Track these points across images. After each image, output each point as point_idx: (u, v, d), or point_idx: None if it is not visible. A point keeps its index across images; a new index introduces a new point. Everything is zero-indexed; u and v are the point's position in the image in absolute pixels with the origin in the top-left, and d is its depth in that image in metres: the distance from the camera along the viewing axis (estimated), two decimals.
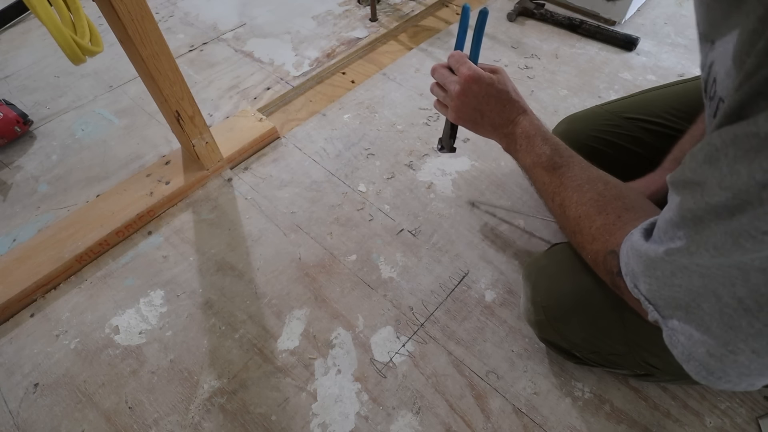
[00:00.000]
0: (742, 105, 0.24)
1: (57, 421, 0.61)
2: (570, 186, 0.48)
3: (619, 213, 0.42)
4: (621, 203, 0.43)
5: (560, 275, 0.54)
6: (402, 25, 1.23)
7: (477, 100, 0.53)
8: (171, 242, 0.79)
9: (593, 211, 0.44)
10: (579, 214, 0.46)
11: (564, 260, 0.54)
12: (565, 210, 0.48)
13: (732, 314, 0.29)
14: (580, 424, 0.59)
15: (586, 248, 0.45)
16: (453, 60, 0.55)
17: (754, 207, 0.24)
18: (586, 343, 0.55)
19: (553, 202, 0.50)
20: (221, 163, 0.88)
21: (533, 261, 0.59)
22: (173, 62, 0.68)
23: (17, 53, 1.20)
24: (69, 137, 0.97)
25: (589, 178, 0.48)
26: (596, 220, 0.44)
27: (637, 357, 0.51)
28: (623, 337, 0.50)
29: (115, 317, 0.70)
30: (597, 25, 1.15)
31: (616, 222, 0.42)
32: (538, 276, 0.57)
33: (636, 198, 0.44)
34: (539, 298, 0.56)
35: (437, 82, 0.57)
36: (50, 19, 0.50)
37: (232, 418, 0.61)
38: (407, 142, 0.94)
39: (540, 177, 0.52)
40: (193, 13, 1.32)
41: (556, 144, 0.52)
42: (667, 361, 0.52)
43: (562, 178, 0.49)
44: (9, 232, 0.81)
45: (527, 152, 0.53)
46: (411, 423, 0.60)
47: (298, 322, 0.69)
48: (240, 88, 1.07)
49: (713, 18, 0.32)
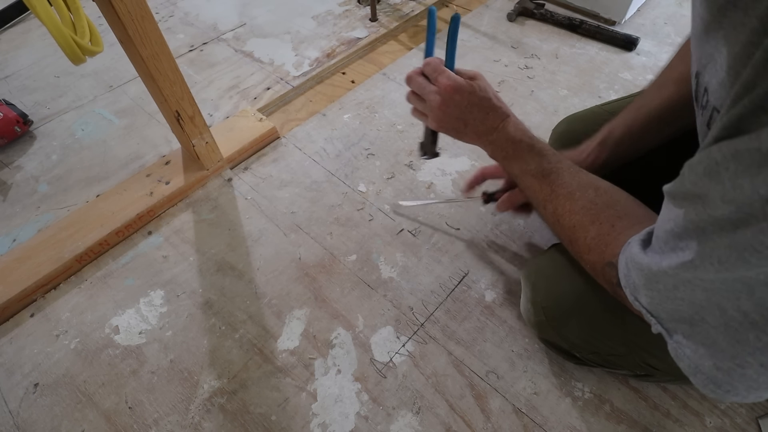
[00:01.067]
0: (741, 118, 0.24)
1: (57, 421, 0.61)
2: (561, 194, 0.48)
3: (612, 222, 0.42)
4: (613, 211, 0.43)
5: (560, 276, 0.54)
6: (402, 25, 1.23)
7: (459, 109, 0.52)
8: (171, 242, 0.79)
9: (586, 221, 0.44)
10: (573, 223, 0.46)
11: (563, 261, 0.54)
12: (558, 219, 0.48)
13: (738, 328, 0.29)
14: (580, 424, 0.59)
15: (583, 258, 0.45)
16: (429, 69, 0.53)
17: (759, 221, 0.23)
18: (585, 343, 0.55)
19: (545, 210, 0.50)
20: (221, 163, 0.88)
21: (533, 261, 0.59)
22: (173, 62, 0.68)
23: (17, 53, 1.20)
24: (69, 137, 0.97)
25: (579, 184, 0.47)
26: (590, 229, 0.43)
27: (636, 358, 0.51)
28: (623, 338, 0.49)
29: (115, 317, 0.70)
30: (597, 25, 1.15)
31: (610, 232, 0.41)
32: (538, 276, 0.57)
33: (628, 204, 0.44)
34: (539, 298, 0.56)
35: (413, 91, 0.56)
36: (50, 19, 0.50)
37: (232, 418, 0.61)
38: (407, 142, 0.94)
39: (530, 185, 0.52)
40: (193, 13, 1.32)
41: (542, 149, 0.51)
42: (667, 362, 0.51)
43: (553, 185, 0.49)
44: (9, 232, 0.81)
45: (514, 159, 0.52)
46: (411, 423, 0.60)
47: (298, 322, 0.69)
48: (240, 88, 1.07)
49: (697, 28, 0.32)
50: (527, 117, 0.97)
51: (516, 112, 1.01)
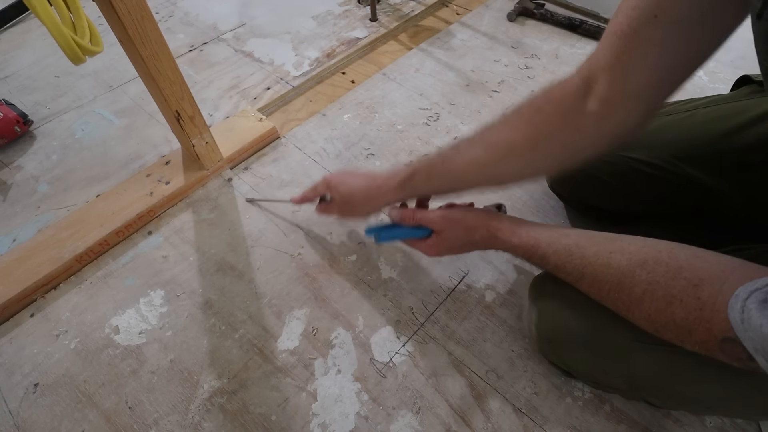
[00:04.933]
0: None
1: (57, 421, 0.61)
2: (610, 291, 0.42)
3: (694, 293, 0.35)
4: (685, 281, 0.36)
5: (569, 309, 0.51)
6: (402, 25, 1.23)
7: (455, 249, 0.59)
8: (171, 242, 0.79)
9: (662, 306, 0.37)
10: (648, 313, 0.39)
11: (573, 293, 0.49)
12: (626, 314, 0.42)
13: None
14: (580, 424, 0.59)
15: (686, 342, 0.37)
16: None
17: None
18: (587, 375, 0.54)
19: (608, 305, 0.44)
20: (221, 163, 0.88)
21: (541, 282, 0.57)
22: (173, 62, 0.68)
23: (17, 53, 1.20)
24: (69, 137, 0.97)
25: (620, 272, 0.41)
26: (673, 313, 0.37)
27: (636, 394, 0.50)
28: (627, 377, 0.48)
29: (115, 317, 0.70)
30: (597, 25, 1.15)
31: (702, 306, 0.35)
32: (545, 304, 0.54)
33: (691, 261, 0.38)
34: (544, 328, 0.54)
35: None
36: (50, 19, 0.50)
37: (232, 418, 0.61)
38: (407, 142, 0.94)
39: (572, 284, 0.47)
40: (193, 13, 1.32)
41: (549, 254, 0.48)
42: (667, 403, 0.51)
43: (592, 287, 0.44)
44: (9, 232, 0.81)
45: (535, 262, 0.52)
46: (411, 423, 0.60)
47: (298, 322, 0.69)
48: (240, 88, 1.07)
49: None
50: None
51: None
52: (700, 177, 0.57)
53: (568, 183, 0.72)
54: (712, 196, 0.56)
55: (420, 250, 0.61)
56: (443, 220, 0.57)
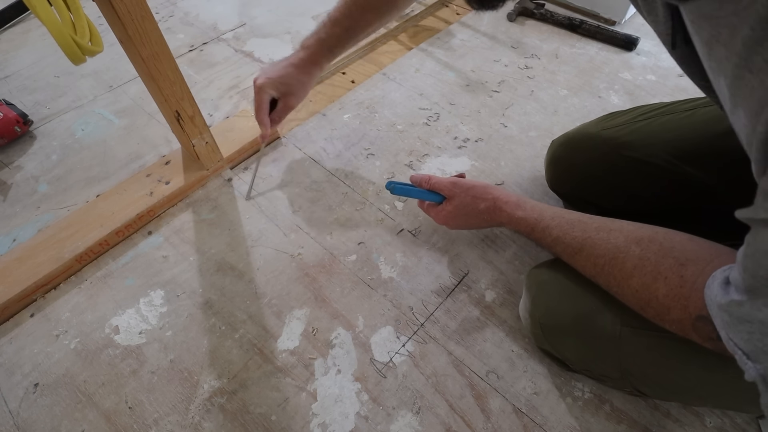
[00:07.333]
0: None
1: (57, 421, 0.61)
2: (604, 266, 0.45)
3: (678, 272, 0.38)
4: (672, 260, 0.39)
5: (561, 295, 0.53)
6: (402, 25, 1.23)
7: (462, 223, 0.66)
8: (171, 242, 0.79)
9: (648, 281, 0.40)
10: (634, 289, 0.42)
11: (566, 279, 0.52)
12: (617, 290, 0.45)
13: None
14: (580, 424, 0.59)
15: (666, 320, 0.40)
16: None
17: None
18: (579, 361, 0.55)
19: (600, 281, 0.47)
20: (221, 163, 0.88)
21: (537, 272, 0.58)
22: (173, 62, 0.68)
23: (17, 53, 1.20)
24: (69, 137, 0.97)
25: (616, 246, 0.43)
26: (657, 289, 0.39)
27: (627, 383, 0.51)
28: (617, 365, 0.49)
29: (115, 317, 0.70)
30: (597, 25, 1.15)
31: (682, 284, 0.37)
32: (539, 291, 0.56)
33: (684, 244, 0.40)
34: (537, 314, 0.55)
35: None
36: (50, 19, 0.50)
37: (232, 418, 0.61)
38: (407, 142, 0.94)
39: (568, 260, 0.51)
40: (193, 13, 1.32)
41: (552, 226, 0.52)
42: (656, 391, 0.52)
43: (588, 260, 0.47)
44: (9, 232, 0.81)
45: (534, 238, 0.56)
46: (411, 423, 0.60)
47: (298, 322, 0.69)
48: (240, 88, 1.07)
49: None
50: (527, 117, 0.97)
51: (516, 112, 1.02)
52: (699, 176, 0.57)
53: (568, 181, 0.72)
54: (710, 195, 0.57)
55: (430, 215, 0.69)
56: (453, 185, 0.63)
